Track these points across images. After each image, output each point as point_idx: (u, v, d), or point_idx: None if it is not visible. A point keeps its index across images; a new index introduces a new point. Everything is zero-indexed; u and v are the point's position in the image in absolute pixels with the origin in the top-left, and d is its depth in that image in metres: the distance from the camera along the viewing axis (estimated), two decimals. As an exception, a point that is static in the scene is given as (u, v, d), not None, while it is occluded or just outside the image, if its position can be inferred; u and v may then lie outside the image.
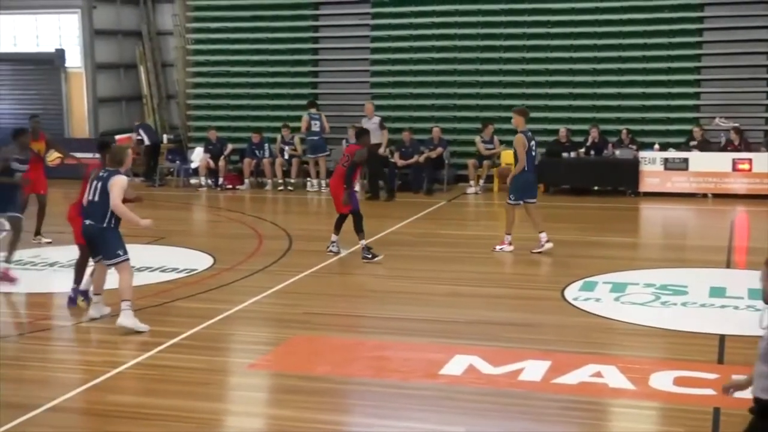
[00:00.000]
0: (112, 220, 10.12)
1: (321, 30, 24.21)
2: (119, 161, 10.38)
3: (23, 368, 9.20)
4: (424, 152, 20.77)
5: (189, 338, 9.95)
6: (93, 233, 10.20)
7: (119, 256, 10.14)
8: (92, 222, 10.16)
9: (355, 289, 12.38)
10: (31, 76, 25.29)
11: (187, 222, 18.64)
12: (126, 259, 10.19)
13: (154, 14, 26.28)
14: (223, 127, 23.32)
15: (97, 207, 10.09)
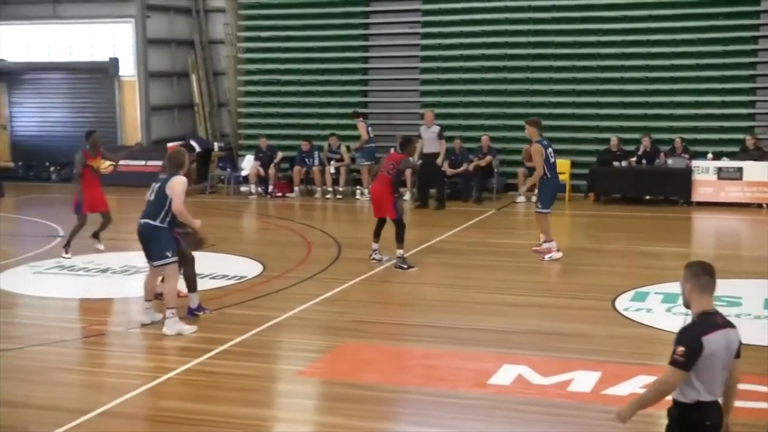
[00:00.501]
0: (166, 220, 10.27)
1: (371, 38, 24.29)
2: (179, 164, 10.55)
3: (77, 373, 9.33)
4: (473, 160, 20.72)
5: (238, 345, 10.01)
6: (145, 231, 10.35)
7: (167, 257, 10.28)
8: (147, 220, 10.32)
9: (404, 298, 12.36)
10: (85, 85, 25.66)
11: (237, 229, 18.77)
12: (174, 261, 10.30)
13: (207, 23, 26.54)
14: (273, 135, 23.46)
15: (153, 206, 10.28)
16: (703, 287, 5.25)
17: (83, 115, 25.45)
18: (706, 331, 5.12)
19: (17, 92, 26.11)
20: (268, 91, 24.47)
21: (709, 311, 5.23)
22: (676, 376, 5.13)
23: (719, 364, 5.16)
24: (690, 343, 5.10)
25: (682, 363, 5.09)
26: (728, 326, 5.24)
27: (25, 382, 9.06)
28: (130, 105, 24.92)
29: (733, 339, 5.25)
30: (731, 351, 5.23)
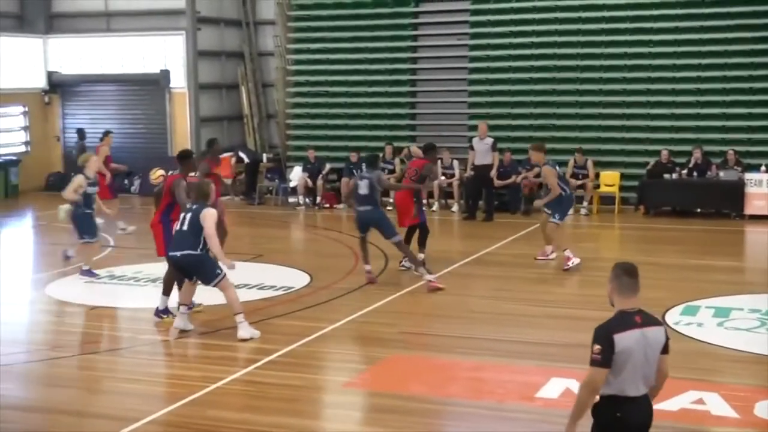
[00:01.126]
0: (205, 248, 10.48)
1: (419, 50, 24.31)
2: (205, 195, 10.70)
3: (126, 381, 9.41)
4: (521, 172, 20.62)
5: (286, 355, 10.04)
6: (191, 263, 10.53)
7: (218, 275, 10.50)
8: (188, 252, 10.45)
9: (451, 309, 12.31)
10: (136, 96, 25.98)
11: (284, 240, 18.85)
12: (224, 275, 10.47)
13: (256, 36, 26.76)
14: (322, 146, 23.56)
15: (190, 237, 10.41)
16: (622, 288, 5.50)
17: (134, 126, 25.77)
18: (619, 330, 5.35)
19: (70, 104, 26.51)
20: (317, 102, 24.59)
21: (627, 311, 5.45)
22: (596, 374, 5.35)
23: (636, 362, 5.34)
24: (602, 341, 5.34)
25: (599, 361, 5.32)
26: (648, 325, 5.44)
27: (76, 390, 9.18)
28: (181, 116, 25.17)
29: (653, 337, 5.44)
30: (653, 349, 5.42)
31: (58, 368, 9.92)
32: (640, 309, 5.50)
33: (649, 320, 5.49)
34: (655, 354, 5.45)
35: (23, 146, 25.70)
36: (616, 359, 5.33)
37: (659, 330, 5.51)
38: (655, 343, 5.45)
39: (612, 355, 5.31)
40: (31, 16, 26.08)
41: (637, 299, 5.53)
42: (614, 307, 5.54)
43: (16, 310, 12.90)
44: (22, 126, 26.00)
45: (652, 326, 5.47)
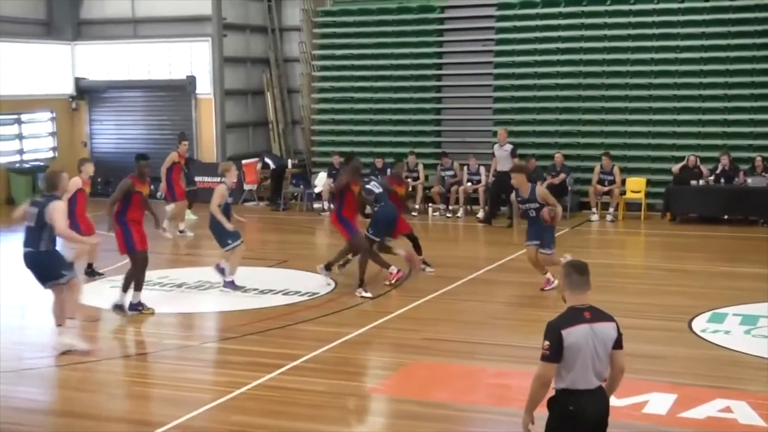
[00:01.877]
0: (53, 244, 10.28)
1: (445, 56, 24.30)
2: (53, 186, 10.34)
3: (152, 386, 9.45)
4: (546, 178, 20.55)
5: (310, 361, 10.05)
6: (33, 259, 10.30)
7: (64, 275, 10.33)
8: (29, 249, 10.21)
9: (475, 316, 12.28)
10: (163, 102, 26.11)
11: (309, 246, 18.87)
12: (71, 277, 10.46)
13: (282, 42, 26.86)
14: (346, 152, 23.54)
15: (33, 233, 10.13)
16: (572, 285, 5.69)
17: (160, 132, 25.89)
18: (567, 325, 5.54)
19: (97, 110, 26.68)
20: (342, 108, 24.62)
21: (577, 307, 5.64)
22: (546, 369, 5.56)
23: (586, 356, 5.52)
24: (551, 337, 5.54)
25: (548, 356, 5.53)
26: (597, 321, 5.60)
27: (102, 394, 9.22)
28: (206, 122, 25.28)
29: (604, 332, 5.60)
30: (603, 343, 5.58)
31: (83, 372, 9.96)
32: (590, 305, 5.67)
33: (598, 316, 5.65)
34: (605, 349, 5.60)
35: (50, 152, 25.89)
36: (565, 354, 5.50)
37: (610, 325, 5.65)
38: (605, 338, 5.60)
39: (561, 350, 5.49)
40: (59, 23, 26.30)
41: (588, 296, 5.70)
42: (566, 304, 5.71)
43: (41, 314, 12.98)
44: (49, 132, 26.21)
45: (601, 322, 5.63)
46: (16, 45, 24.88)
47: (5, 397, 9.15)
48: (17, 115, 25.12)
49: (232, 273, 13.46)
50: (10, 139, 25.06)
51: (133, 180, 12.28)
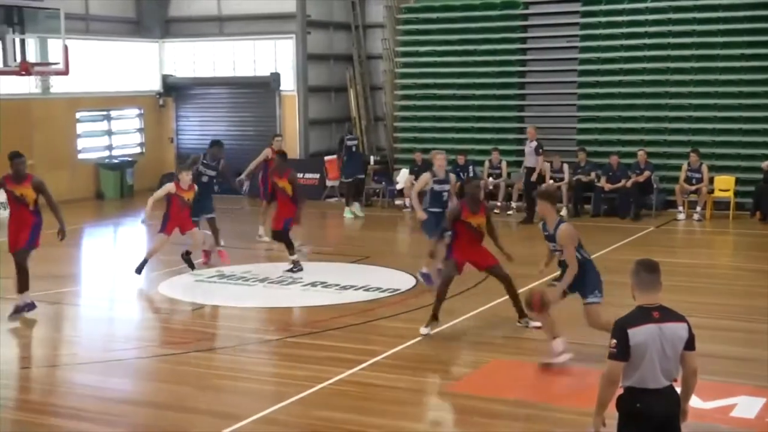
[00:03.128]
0: None
1: (529, 52, 24.11)
2: None
3: (234, 379, 9.57)
4: (631, 176, 20.25)
5: (390, 357, 10.07)
6: None
7: None
8: None
9: (556, 314, 12.14)
10: (247, 99, 26.44)
11: (391, 242, 18.90)
12: None
13: (365, 39, 26.94)
14: (429, 149, 23.46)
15: None
16: (641, 283, 5.66)
17: (245, 128, 26.22)
18: (633, 324, 5.52)
19: (184, 106, 27.13)
20: (424, 105, 24.61)
21: (646, 306, 5.60)
22: (613, 367, 5.55)
23: (653, 355, 5.49)
24: (618, 335, 5.54)
25: (615, 354, 5.53)
26: (666, 320, 5.57)
27: (185, 386, 9.38)
28: (290, 119, 25.51)
29: (673, 332, 5.56)
30: (672, 343, 5.54)
31: (167, 364, 10.15)
32: (660, 305, 5.63)
33: (668, 316, 5.61)
34: (675, 349, 5.57)
35: (138, 148, 26.41)
36: (632, 352, 5.49)
37: (680, 326, 5.61)
38: (674, 338, 5.56)
39: (628, 348, 5.48)
40: (148, 21, 26.80)
41: (659, 295, 5.65)
42: (636, 302, 5.67)
43: (129, 307, 13.28)
44: (137, 128, 26.75)
45: (671, 322, 5.59)
46: (106, 43, 25.44)
47: (94, 387, 9.38)
48: (106, 111, 25.69)
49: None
50: (99, 136, 25.64)
51: None
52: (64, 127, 24.06)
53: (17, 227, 11.94)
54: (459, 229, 11.03)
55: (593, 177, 20.50)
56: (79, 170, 24.38)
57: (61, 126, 23.91)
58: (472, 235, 11.10)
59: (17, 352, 10.97)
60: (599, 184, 20.40)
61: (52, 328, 12.26)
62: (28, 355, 10.86)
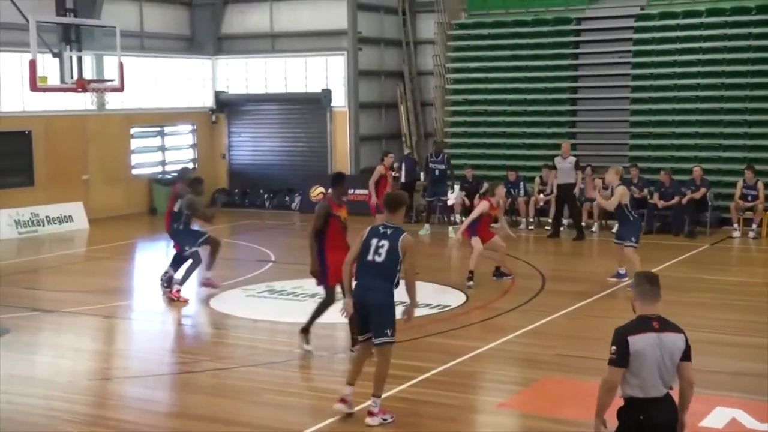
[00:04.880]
0: None
1: (581, 68, 23.98)
2: None
3: (283, 394, 9.59)
4: (685, 193, 19.98)
5: (440, 374, 10.02)
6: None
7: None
8: None
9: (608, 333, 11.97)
10: (299, 115, 26.59)
11: (441, 259, 18.84)
12: None
13: (416, 55, 27.00)
14: (479, 165, 23.49)
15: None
16: (642, 295, 5.86)
17: (296, 144, 26.38)
18: (634, 332, 5.70)
19: (236, 122, 27.37)
20: (475, 121, 24.56)
21: (646, 316, 5.79)
22: (612, 373, 5.72)
23: (652, 364, 5.65)
24: (618, 342, 5.71)
25: (615, 360, 5.69)
26: (666, 331, 5.75)
27: (235, 400, 9.40)
28: (341, 135, 25.60)
29: (671, 342, 5.73)
30: (670, 353, 5.71)
31: (216, 379, 10.20)
32: (659, 315, 5.82)
33: (667, 326, 5.79)
34: (673, 359, 5.73)
35: (190, 163, 26.68)
36: (632, 360, 5.65)
37: (678, 336, 5.79)
38: (672, 348, 5.73)
39: (627, 356, 5.65)
40: (202, 38, 27.12)
41: (657, 307, 5.85)
42: (635, 313, 5.87)
43: (180, 321, 13.38)
44: (190, 144, 27.03)
45: (670, 332, 5.77)
46: (160, 60, 25.77)
47: (144, 400, 9.46)
48: (160, 127, 26.01)
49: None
50: (153, 151, 25.95)
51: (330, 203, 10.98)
52: (119, 142, 24.39)
53: None
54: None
55: (646, 193, 20.28)
56: (132, 185, 24.70)
57: (116, 142, 24.26)
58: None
59: (71, 364, 11.10)
60: (652, 201, 20.17)
61: (105, 342, 12.41)
62: (81, 367, 10.97)
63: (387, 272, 8.43)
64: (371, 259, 8.46)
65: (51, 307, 13.58)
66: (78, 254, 19.22)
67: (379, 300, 8.46)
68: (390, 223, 8.64)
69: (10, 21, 20.94)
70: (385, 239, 8.47)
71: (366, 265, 8.47)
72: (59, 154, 22.28)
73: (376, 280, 8.46)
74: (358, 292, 8.56)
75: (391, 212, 8.72)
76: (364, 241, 8.53)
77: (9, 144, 21.32)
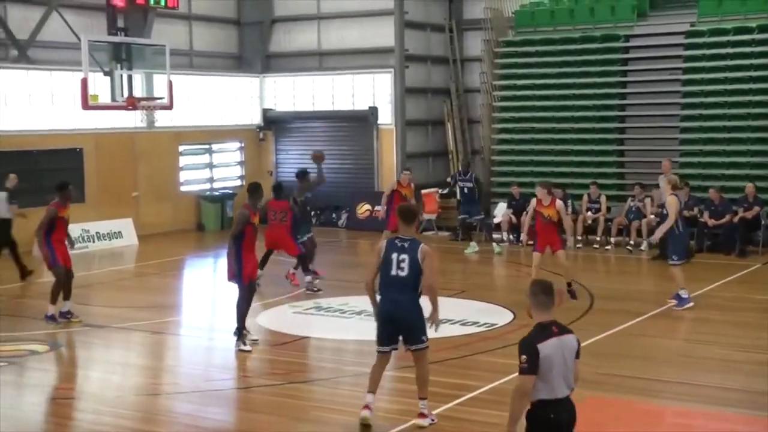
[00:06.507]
0: None
1: (629, 86, 23.81)
2: None
3: (328, 411, 9.59)
4: (737, 211, 19.69)
5: (488, 393, 9.96)
6: None
7: None
8: None
9: (656, 352, 11.88)
10: (345, 132, 26.64)
11: (488, 276, 18.77)
12: None
13: (463, 72, 27.00)
14: (527, 183, 23.33)
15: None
16: (540, 304, 6.17)
17: (343, 162, 26.44)
18: (540, 339, 6.02)
19: (283, 140, 27.53)
20: (522, 138, 24.46)
21: (544, 323, 6.13)
22: (525, 381, 6.00)
23: (557, 366, 6.01)
24: (528, 351, 5.99)
25: (527, 369, 5.97)
26: (563, 333, 6.14)
27: (282, 417, 9.43)
28: (388, 152, 25.63)
29: (569, 343, 6.15)
30: (569, 353, 6.11)
31: (264, 396, 10.23)
32: (555, 320, 6.18)
33: (563, 329, 6.18)
34: (572, 358, 6.12)
35: (238, 180, 26.87)
36: (541, 365, 5.95)
37: (572, 337, 6.21)
38: (571, 349, 6.14)
39: (537, 362, 5.95)
40: (250, 56, 27.36)
41: (552, 313, 6.17)
42: (533, 320, 6.18)
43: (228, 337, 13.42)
44: (237, 161, 27.23)
45: (566, 334, 6.17)
46: (209, 78, 26.03)
47: (192, 416, 9.51)
48: (208, 144, 26.24)
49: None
50: (201, 168, 26.19)
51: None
52: (168, 159, 24.65)
53: None
54: None
55: (696, 212, 20.01)
56: (181, 202, 24.92)
57: (165, 159, 24.51)
58: None
59: (120, 379, 11.19)
60: (702, 220, 19.90)
61: (154, 357, 12.50)
62: (129, 383, 11.06)
63: (411, 284, 8.69)
64: (395, 274, 8.70)
65: (101, 323, 13.72)
66: (127, 270, 19.41)
67: (409, 313, 8.84)
68: (405, 236, 8.85)
69: (63, 40, 21.31)
70: (405, 253, 8.70)
71: (390, 279, 8.73)
72: (109, 171, 22.56)
73: (403, 294, 8.75)
74: (386, 307, 8.86)
75: (406, 224, 8.95)
76: (384, 256, 8.77)
77: (61, 161, 21.61)
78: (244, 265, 11.91)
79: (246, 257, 11.94)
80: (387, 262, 8.72)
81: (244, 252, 11.92)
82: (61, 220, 13.70)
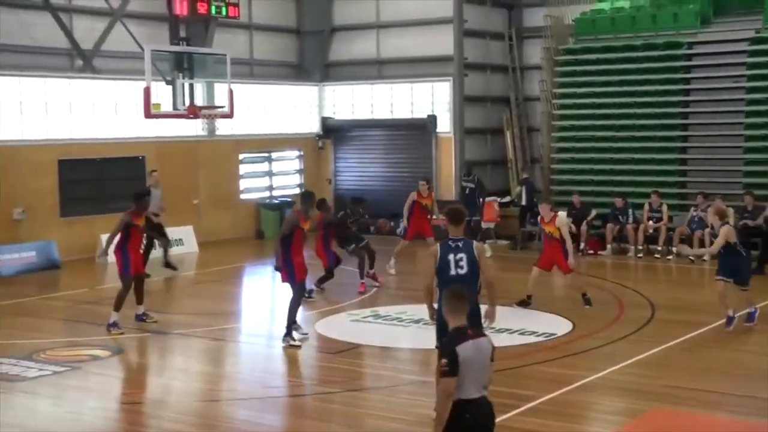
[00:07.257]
0: None
1: (692, 93, 23.48)
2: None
3: (385, 420, 9.58)
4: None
5: (546, 403, 9.87)
6: None
7: None
8: None
9: (723, 364, 11.67)
10: (404, 141, 26.63)
11: (547, 286, 18.59)
12: None
13: (522, 81, 26.86)
14: (587, 191, 23.14)
15: None
16: (454, 309, 6.45)
17: (400, 170, 26.43)
18: (458, 342, 6.25)
19: (342, 148, 27.61)
20: (582, 147, 24.24)
21: (460, 327, 6.38)
22: (448, 384, 6.19)
23: (474, 368, 6.25)
24: (448, 355, 6.22)
25: (448, 371, 6.17)
26: (478, 337, 6.40)
27: (338, 425, 9.46)
28: (446, 160, 25.57)
29: (485, 346, 6.40)
30: (485, 356, 6.37)
31: (321, 403, 10.25)
32: (468, 325, 6.45)
33: (478, 333, 6.48)
34: (486, 361, 6.38)
35: (297, 189, 26.99)
36: (460, 368, 6.17)
37: (487, 340, 6.46)
38: (486, 351, 6.39)
39: (457, 365, 6.16)
40: (309, 65, 27.51)
41: (465, 317, 6.43)
42: (450, 325, 6.43)
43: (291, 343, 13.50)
44: (296, 169, 27.38)
45: (481, 337, 6.43)
46: (268, 86, 26.22)
47: (251, 423, 9.58)
48: (268, 153, 26.42)
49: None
50: (260, 176, 26.38)
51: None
52: (228, 167, 24.86)
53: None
54: None
55: (761, 222, 19.61)
56: (240, 210, 25.12)
57: (225, 167, 24.73)
58: None
59: (180, 385, 11.30)
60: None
61: (213, 364, 12.60)
62: (189, 389, 11.16)
63: (472, 281, 8.81)
64: (455, 273, 8.77)
65: (162, 329, 13.87)
66: (188, 277, 19.60)
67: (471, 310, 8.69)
68: (455, 236, 8.95)
69: (127, 50, 21.63)
70: (461, 252, 8.84)
71: (451, 279, 8.69)
72: (171, 178, 22.79)
73: None
74: None
75: (455, 225, 9.05)
76: (440, 258, 8.85)
77: (123, 169, 21.92)
78: (295, 267, 12.60)
79: (295, 260, 12.64)
80: (444, 263, 8.80)
81: (293, 254, 12.63)
82: (135, 228, 13.86)
